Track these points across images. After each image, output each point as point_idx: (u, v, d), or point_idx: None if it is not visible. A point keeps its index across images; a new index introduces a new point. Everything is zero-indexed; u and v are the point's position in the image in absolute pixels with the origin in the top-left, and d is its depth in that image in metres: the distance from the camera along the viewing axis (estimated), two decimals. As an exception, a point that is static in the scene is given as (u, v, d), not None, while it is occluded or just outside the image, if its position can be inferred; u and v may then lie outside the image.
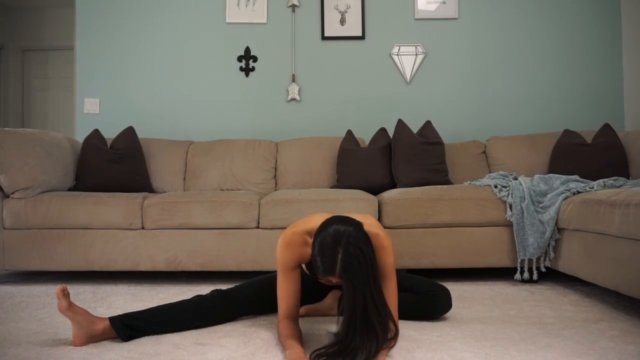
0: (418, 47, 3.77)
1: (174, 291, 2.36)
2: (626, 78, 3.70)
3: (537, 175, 2.69)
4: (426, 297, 1.77)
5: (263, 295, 1.80)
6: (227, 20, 3.79)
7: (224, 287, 1.84)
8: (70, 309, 1.49)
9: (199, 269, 2.58)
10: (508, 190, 2.59)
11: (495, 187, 2.63)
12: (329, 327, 1.70)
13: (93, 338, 1.53)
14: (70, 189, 2.95)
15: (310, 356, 1.32)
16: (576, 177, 2.66)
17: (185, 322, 1.67)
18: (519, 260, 2.52)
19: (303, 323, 1.76)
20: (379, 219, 2.65)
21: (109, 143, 3.20)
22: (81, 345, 1.51)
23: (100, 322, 1.55)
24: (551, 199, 2.49)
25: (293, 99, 3.78)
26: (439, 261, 2.57)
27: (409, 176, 2.97)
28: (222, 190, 3.19)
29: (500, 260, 2.57)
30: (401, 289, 1.81)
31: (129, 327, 1.56)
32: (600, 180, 2.54)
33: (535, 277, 2.48)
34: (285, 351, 1.40)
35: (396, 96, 3.76)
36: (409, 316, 1.77)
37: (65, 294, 1.49)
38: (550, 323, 1.75)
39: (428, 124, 3.21)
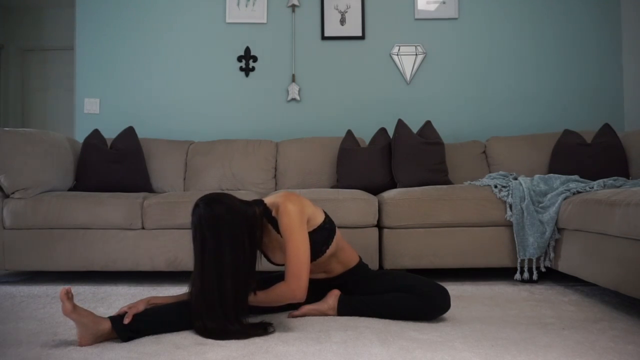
0: (418, 47, 3.77)
1: (174, 291, 2.35)
2: (626, 78, 3.70)
3: (537, 175, 2.69)
4: (424, 297, 1.77)
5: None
6: (227, 20, 3.79)
7: (224, 287, 1.84)
8: (74, 311, 1.49)
9: (199, 269, 2.58)
10: (508, 190, 2.59)
11: (495, 187, 2.63)
12: (328, 328, 1.70)
13: (99, 338, 1.53)
14: (70, 189, 2.95)
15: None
16: (576, 177, 2.66)
17: (185, 323, 1.67)
18: (519, 260, 2.52)
19: (303, 323, 1.76)
20: (379, 219, 2.65)
21: (109, 143, 3.20)
22: (87, 345, 1.51)
23: (105, 323, 1.55)
24: (551, 199, 2.48)
25: (293, 99, 3.77)
26: (439, 261, 2.57)
27: (409, 176, 2.97)
28: (222, 190, 3.19)
29: (501, 260, 2.57)
30: (399, 289, 1.81)
31: (129, 328, 1.56)
32: (600, 180, 2.54)
33: (535, 277, 2.48)
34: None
35: (396, 96, 3.76)
36: (407, 316, 1.77)
37: (70, 297, 1.49)
38: (550, 323, 1.75)
39: (428, 124, 3.21)
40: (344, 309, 1.84)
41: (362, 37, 3.78)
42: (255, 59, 3.79)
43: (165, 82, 3.79)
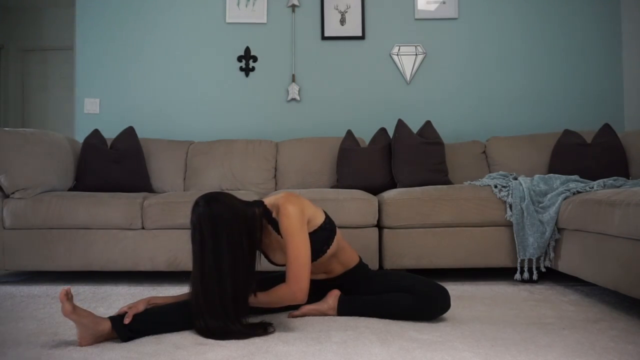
0: (418, 47, 3.77)
1: (174, 291, 2.35)
2: (626, 78, 3.70)
3: (537, 175, 2.69)
4: (424, 297, 1.77)
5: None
6: (227, 20, 3.79)
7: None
8: (74, 312, 1.49)
9: (199, 269, 2.58)
10: (508, 190, 2.59)
11: (495, 187, 2.63)
12: (328, 328, 1.70)
13: (99, 338, 1.53)
14: (70, 189, 2.95)
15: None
16: (576, 177, 2.66)
17: (185, 323, 1.67)
18: (518, 260, 2.52)
19: (303, 323, 1.76)
20: (379, 219, 2.65)
21: (109, 143, 3.20)
22: (87, 345, 1.51)
23: (105, 323, 1.55)
24: (551, 199, 2.48)
25: (293, 99, 3.77)
26: (439, 261, 2.57)
27: (409, 176, 2.97)
28: (222, 190, 3.19)
29: (501, 260, 2.57)
30: (399, 289, 1.81)
31: (129, 328, 1.56)
32: (600, 180, 2.54)
33: (535, 277, 2.48)
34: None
35: (396, 96, 3.76)
36: (407, 316, 1.77)
37: (69, 298, 1.48)
38: (550, 323, 1.75)
39: (428, 124, 3.21)
40: (344, 309, 1.84)
41: (362, 37, 3.78)
42: (255, 59, 3.79)
43: (165, 82, 3.79)
